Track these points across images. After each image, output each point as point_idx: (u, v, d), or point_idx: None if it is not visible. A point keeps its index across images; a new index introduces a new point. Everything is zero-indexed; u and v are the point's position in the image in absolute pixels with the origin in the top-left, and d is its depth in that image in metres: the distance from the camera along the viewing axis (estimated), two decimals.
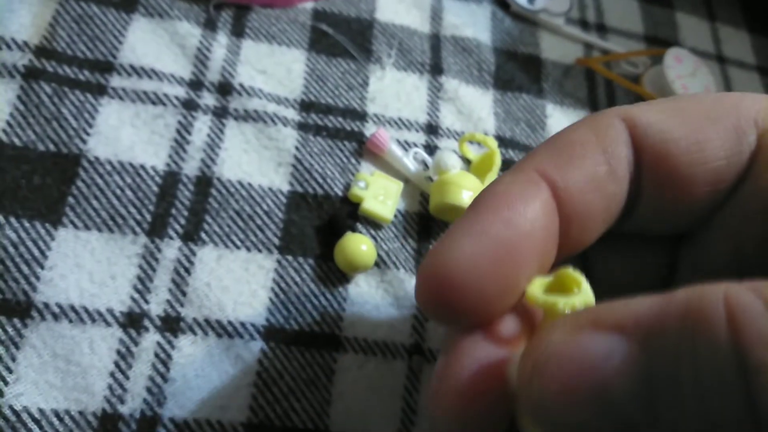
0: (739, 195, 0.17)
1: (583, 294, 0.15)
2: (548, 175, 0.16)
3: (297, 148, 0.29)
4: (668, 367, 0.12)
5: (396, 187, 0.29)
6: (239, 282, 0.26)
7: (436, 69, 0.33)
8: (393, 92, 0.32)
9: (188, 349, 0.25)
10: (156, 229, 0.26)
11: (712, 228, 0.18)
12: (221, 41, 0.30)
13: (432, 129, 0.32)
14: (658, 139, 0.17)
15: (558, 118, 0.34)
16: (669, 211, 0.18)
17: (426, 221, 0.29)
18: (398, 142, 0.31)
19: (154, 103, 0.28)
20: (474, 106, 0.33)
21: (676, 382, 0.12)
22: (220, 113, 0.29)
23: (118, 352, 0.24)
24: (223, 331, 0.25)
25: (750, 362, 0.11)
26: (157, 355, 0.24)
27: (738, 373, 0.11)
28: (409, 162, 0.30)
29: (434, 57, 0.33)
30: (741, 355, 0.11)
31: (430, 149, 0.31)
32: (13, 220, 0.25)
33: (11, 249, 0.24)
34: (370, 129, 0.30)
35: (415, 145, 0.31)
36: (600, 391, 0.13)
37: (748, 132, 0.17)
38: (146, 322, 0.25)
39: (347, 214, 0.28)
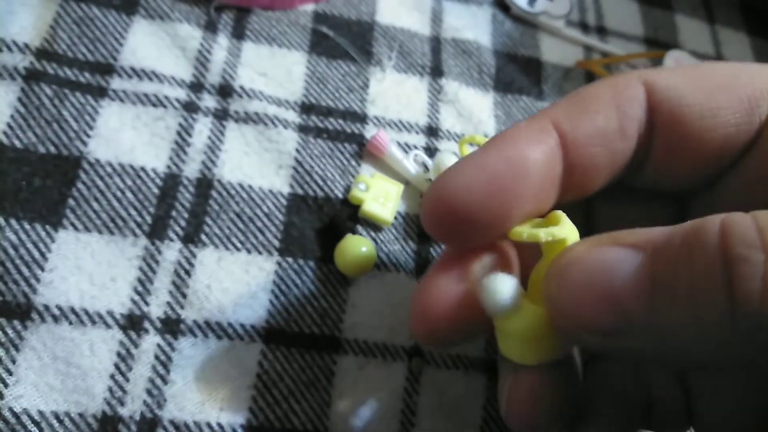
0: (746, 162, 0.18)
1: (564, 227, 0.17)
2: (559, 124, 0.18)
3: (297, 151, 0.29)
4: (669, 271, 0.14)
5: (396, 189, 0.29)
6: (239, 284, 0.26)
7: (436, 71, 0.33)
8: (393, 94, 0.32)
9: (188, 351, 0.25)
10: (156, 231, 0.26)
11: (717, 191, 0.19)
12: (222, 43, 0.30)
13: (432, 131, 0.32)
14: (673, 103, 0.18)
15: None
16: (677, 171, 0.19)
17: None
18: (398, 144, 0.31)
19: (154, 105, 0.28)
20: (474, 109, 0.33)
21: (673, 282, 0.14)
22: (221, 115, 0.29)
23: (119, 354, 0.24)
24: (224, 333, 0.25)
25: (731, 256, 0.13)
26: (157, 357, 0.24)
27: (723, 268, 0.13)
28: (409, 164, 0.30)
29: (435, 59, 0.33)
30: (725, 251, 0.13)
31: (431, 151, 0.31)
32: (13, 222, 0.25)
33: (11, 251, 0.24)
34: (370, 131, 0.30)
35: (416, 147, 0.31)
36: (611, 288, 0.15)
37: (761, 103, 0.18)
38: (146, 324, 0.25)
39: (347, 216, 0.28)
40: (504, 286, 0.17)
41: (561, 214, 0.18)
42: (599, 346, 0.16)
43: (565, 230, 0.17)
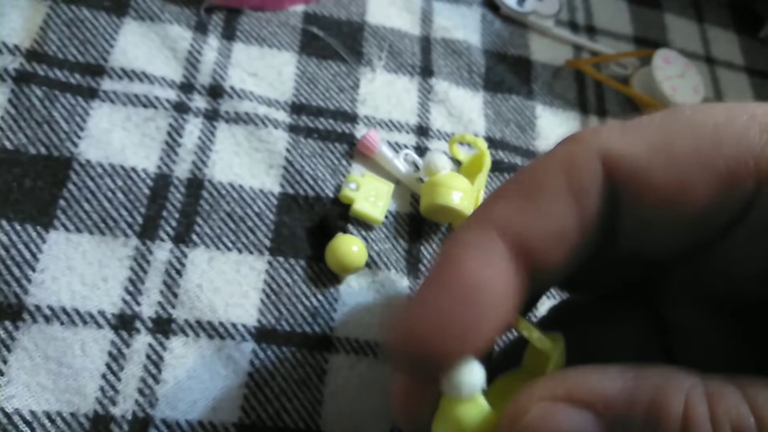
0: (735, 230, 0.16)
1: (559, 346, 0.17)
2: (509, 228, 0.16)
3: (288, 150, 0.29)
4: None
5: (387, 188, 0.29)
6: (230, 283, 0.26)
7: (426, 71, 0.33)
8: (384, 94, 0.32)
9: (180, 350, 0.25)
10: (147, 232, 0.26)
11: (705, 254, 0.18)
12: (212, 44, 0.31)
13: (422, 131, 0.32)
14: (638, 183, 0.16)
15: (547, 119, 0.34)
16: (650, 247, 0.18)
17: (417, 222, 0.30)
18: (389, 143, 0.31)
19: (145, 106, 0.28)
20: (464, 108, 0.33)
21: None
22: (211, 116, 0.29)
23: (110, 354, 0.24)
24: (215, 332, 0.25)
25: None
26: (148, 357, 0.24)
27: None
28: (400, 163, 0.30)
29: (424, 59, 0.34)
30: None
31: (421, 151, 0.31)
32: (4, 223, 0.25)
33: (2, 252, 0.24)
34: (360, 131, 0.31)
35: (406, 147, 0.31)
36: None
37: (744, 178, 0.15)
38: (138, 324, 0.25)
39: (338, 215, 0.28)
40: (470, 373, 0.16)
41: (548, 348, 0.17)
42: None
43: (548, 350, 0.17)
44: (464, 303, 0.16)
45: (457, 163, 0.31)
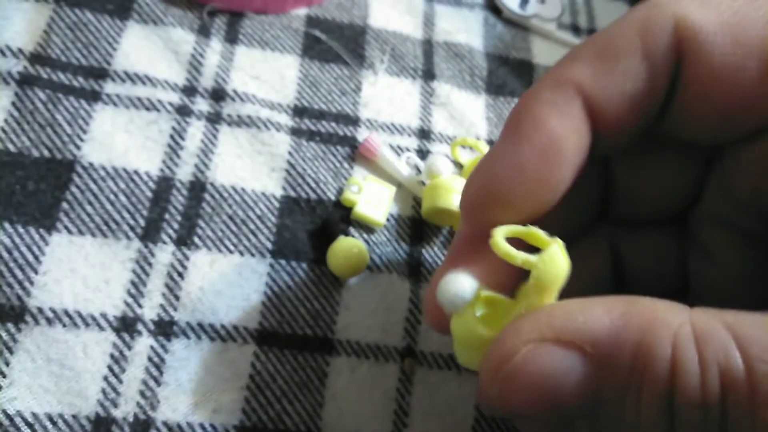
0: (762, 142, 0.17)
1: (545, 257, 0.16)
2: (584, 88, 0.17)
3: (290, 153, 0.29)
4: (615, 394, 0.14)
5: (388, 191, 0.29)
6: (232, 286, 0.26)
7: (428, 74, 0.33)
8: (386, 97, 0.32)
9: (181, 352, 0.25)
10: (149, 234, 0.26)
11: (737, 157, 0.18)
12: (215, 47, 0.31)
13: (424, 134, 0.32)
14: (702, 57, 0.16)
15: None
16: (701, 123, 0.18)
17: (418, 225, 0.30)
18: (391, 146, 0.31)
19: (147, 109, 0.28)
20: (466, 111, 0.33)
21: (618, 407, 0.14)
22: (214, 119, 0.29)
23: (112, 356, 0.24)
24: (216, 335, 0.25)
25: (678, 409, 0.13)
26: (150, 359, 0.24)
27: (667, 413, 0.13)
28: (402, 166, 0.30)
29: (427, 62, 0.34)
30: (672, 401, 0.13)
31: (423, 154, 0.31)
32: (7, 225, 0.25)
33: (5, 254, 0.25)
34: (362, 134, 0.31)
35: (408, 150, 0.31)
36: (555, 401, 0.14)
37: None
38: (140, 326, 0.25)
39: (340, 218, 0.28)
40: (450, 287, 0.16)
41: (544, 238, 0.16)
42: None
43: (546, 263, 0.15)
44: (544, 154, 0.16)
45: (458, 166, 0.31)
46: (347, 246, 0.27)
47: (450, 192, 0.28)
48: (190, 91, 0.29)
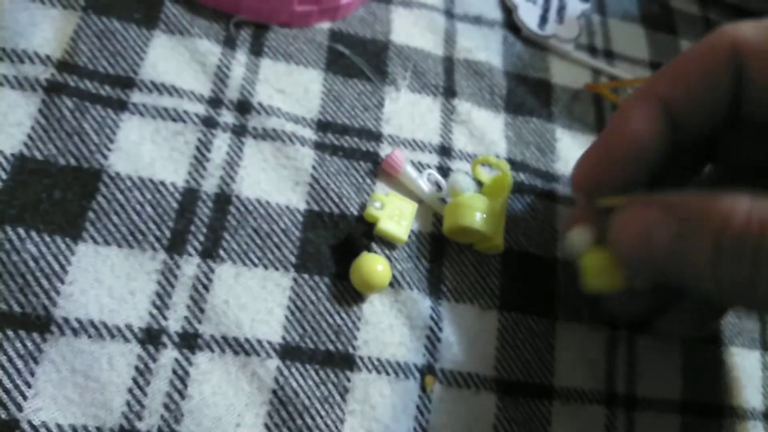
0: None
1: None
2: (663, 96, 0.24)
3: (314, 168, 0.29)
4: (695, 243, 0.20)
5: (411, 207, 0.29)
6: (256, 300, 0.26)
7: (449, 92, 0.34)
8: (407, 114, 0.32)
9: (206, 366, 0.25)
10: (175, 246, 0.26)
11: None
12: (240, 59, 0.31)
13: (445, 151, 0.32)
14: (758, 59, 0.22)
15: (567, 142, 0.35)
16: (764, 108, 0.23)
17: (439, 242, 0.30)
18: (412, 163, 0.31)
19: (174, 119, 0.28)
20: (486, 129, 0.33)
21: (694, 256, 0.20)
22: (239, 131, 0.29)
23: (137, 369, 0.24)
24: (240, 348, 0.25)
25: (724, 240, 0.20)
26: (175, 372, 0.24)
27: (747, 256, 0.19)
28: (423, 183, 0.30)
29: (447, 80, 0.34)
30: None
31: (443, 171, 0.31)
32: (33, 234, 0.25)
33: (32, 263, 0.24)
34: (384, 150, 0.31)
35: (429, 167, 0.31)
36: (650, 247, 0.21)
37: None
38: (164, 339, 0.25)
39: (363, 233, 0.29)
40: (575, 238, 0.25)
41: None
42: (642, 275, 0.24)
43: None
44: (629, 142, 0.24)
45: (479, 184, 0.31)
46: (371, 262, 0.27)
47: (471, 210, 0.28)
48: (215, 102, 0.29)
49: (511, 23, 0.38)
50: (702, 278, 0.20)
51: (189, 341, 0.25)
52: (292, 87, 0.31)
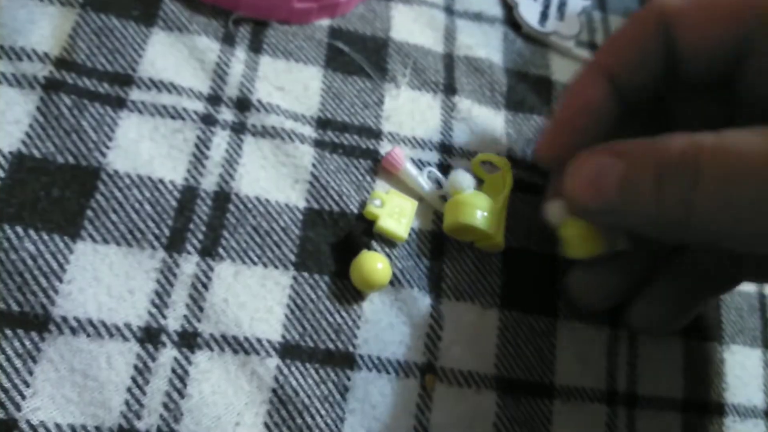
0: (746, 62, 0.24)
1: None
2: (605, 63, 0.26)
3: (314, 165, 0.29)
4: (636, 178, 0.22)
5: (411, 205, 0.29)
6: (256, 298, 0.26)
7: (449, 89, 0.33)
8: (407, 111, 0.32)
9: (205, 365, 0.25)
10: (174, 244, 0.26)
11: (738, 80, 0.25)
12: (239, 56, 0.31)
13: (445, 148, 0.32)
14: (685, 23, 0.24)
15: None
16: (697, 72, 0.25)
17: (439, 240, 0.30)
18: (412, 160, 0.31)
19: (173, 117, 0.28)
20: (486, 127, 0.33)
21: (645, 192, 0.21)
22: (239, 129, 0.29)
23: (136, 368, 0.24)
24: (240, 347, 0.25)
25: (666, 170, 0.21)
26: (174, 371, 0.24)
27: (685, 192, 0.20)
28: (423, 181, 0.30)
29: (448, 77, 0.34)
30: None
31: (444, 168, 0.31)
32: (32, 232, 0.25)
33: (30, 261, 0.24)
34: (384, 147, 0.31)
35: (429, 164, 0.31)
36: (600, 185, 0.23)
37: (746, 20, 0.23)
38: (164, 338, 0.25)
39: (363, 231, 0.28)
40: (551, 210, 0.26)
41: None
42: (598, 221, 0.25)
43: None
44: (577, 111, 0.27)
45: (480, 181, 0.31)
46: (371, 260, 0.27)
47: (472, 208, 0.28)
48: (214, 100, 0.29)
49: (511, 20, 0.37)
50: (648, 212, 0.22)
51: (188, 340, 0.25)
52: (291, 84, 0.31)
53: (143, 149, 0.27)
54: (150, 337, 0.25)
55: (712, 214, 0.20)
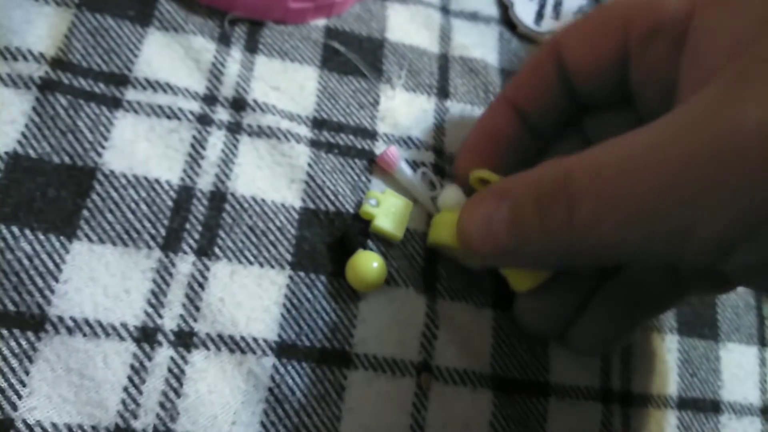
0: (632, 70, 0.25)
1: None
2: (511, 96, 0.28)
3: (309, 165, 0.29)
4: (524, 216, 0.22)
5: (406, 205, 0.29)
6: (252, 297, 0.26)
7: (442, 91, 0.34)
8: (403, 112, 0.32)
9: (201, 364, 0.25)
10: (170, 244, 0.26)
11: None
12: (235, 56, 0.31)
13: (439, 150, 0.32)
14: (572, 57, 0.26)
15: None
16: (593, 94, 0.27)
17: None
18: (407, 161, 0.31)
19: (168, 117, 0.28)
20: None
21: (532, 228, 0.22)
22: (234, 129, 0.29)
23: (132, 367, 0.24)
24: (236, 346, 0.25)
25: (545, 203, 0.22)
26: (170, 370, 0.24)
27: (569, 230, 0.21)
28: (417, 182, 0.30)
29: (442, 79, 0.34)
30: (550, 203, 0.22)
31: (438, 169, 0.31)
32: (27, 232, 0.25)
33: (26, 261, 0.24)
34: (380, 147, 0.31)
35: (424, 165, 0.31)
36: (491, 231, 0.23)
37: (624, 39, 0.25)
38: (160, 337, 0.25)
39: (358, 231, 0.29)
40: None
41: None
42: (503, 264, 0.26)
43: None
44: (485, 137, 0.29)
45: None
46: (367, 260, 0.27)
47: (453, 228, 0.27)
48: (210, 100, 0.29)
49: (507, 20, 0.38)
50: (539, 245, 0.22)
51: (184, 339, 0.25)
52: (287, 84, 0.31)
53: (139, 149, 0.27)
54: (146, 336, 0.25)
55: (592, 234, 0.20)
